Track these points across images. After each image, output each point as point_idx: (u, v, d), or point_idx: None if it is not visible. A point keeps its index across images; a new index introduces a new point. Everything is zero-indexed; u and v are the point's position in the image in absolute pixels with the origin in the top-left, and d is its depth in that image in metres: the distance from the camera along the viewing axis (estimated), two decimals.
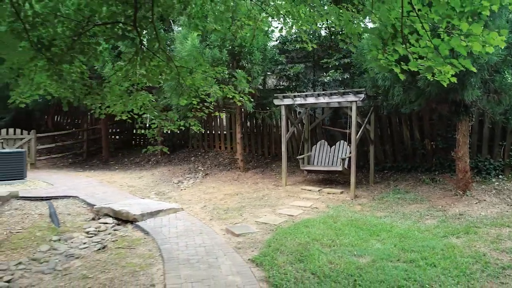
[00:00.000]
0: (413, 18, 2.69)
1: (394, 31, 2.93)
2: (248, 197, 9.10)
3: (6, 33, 3.80)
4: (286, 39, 11.66)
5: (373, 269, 4.80)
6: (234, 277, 4.79)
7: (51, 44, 4.21)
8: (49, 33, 4.23)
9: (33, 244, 6.24)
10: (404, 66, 3.15)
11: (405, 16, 2.67)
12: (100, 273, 5.05)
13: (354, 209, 7.92)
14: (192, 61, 4.92)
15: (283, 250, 5.55)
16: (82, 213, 7.94)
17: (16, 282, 4.91)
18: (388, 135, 10.89)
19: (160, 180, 11.56)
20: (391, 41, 2.96)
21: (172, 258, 5.45)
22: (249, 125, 13.67)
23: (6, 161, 10.24)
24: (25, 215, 7.55)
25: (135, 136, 18.16)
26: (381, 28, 2.95)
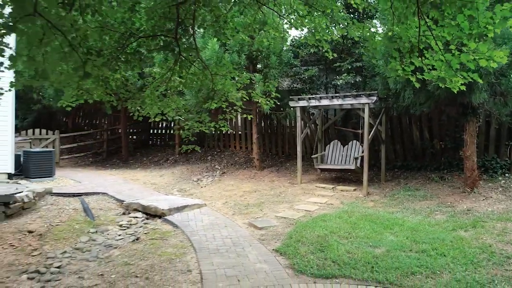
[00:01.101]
0: (428, 36, 3.13)
1: (411, 46, 3.36)
2: (266, 194, 9.56)
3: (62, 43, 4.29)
4: (300, 43, 12.10)
5: (388, 258, 5.23)
6: (261, 264, 5.26)
7: (99, 54, 4.70)
8: (97, 44, 4.71)
9: (73, 236, 6.77)
10: (419, 76, 3.58)
11: (421, 35, 3.10)
12: (139, 261, 5.54)
13: (367, 205, 8.34)
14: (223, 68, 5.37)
15: (304, 241, 6.00)
16: (113, 208, 8.45)
17: (65, 268, 5.43)
18: (398, 135, 11.29)
19: (180, 178, 12.06)
20: (408, 54, 3.39)
21: (203, 248, 5.92)
22: (263, 125, 14.12)
23: (37, 160, 10.80)
24: (61, 209, 8.07)
25: (152, 136, 18.73)
26: (400, 43, 3.38)
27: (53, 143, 14.39)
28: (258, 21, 5.31)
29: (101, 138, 18.13)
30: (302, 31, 5.88)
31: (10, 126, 10.04)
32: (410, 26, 3.18)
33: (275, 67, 10.71)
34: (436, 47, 3.16)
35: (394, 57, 3.56)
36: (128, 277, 4.97)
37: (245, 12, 5.39)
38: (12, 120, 10.12)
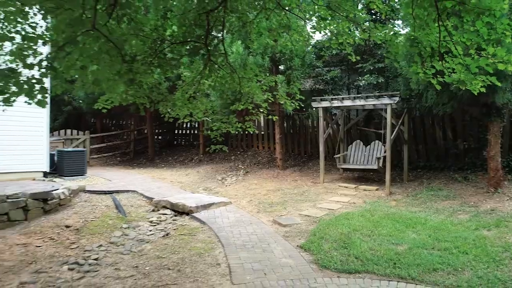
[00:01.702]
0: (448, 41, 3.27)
1: (432, 50, 3.51)
2: (289, 192, 9.75)
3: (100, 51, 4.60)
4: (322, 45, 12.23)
5: (410, 255, 5.35)
6: (286, 259, 5.46)
7: (134, 59, 5.00)
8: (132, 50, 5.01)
9: (107, 231, 7.13)
10: (440, 79, 3.73)
11: (441, 40, 3.26)
12: (171, 254, 5.84)
13: (390, 204, 8.43)
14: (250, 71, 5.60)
15: (327, 238, 6.17)
16: (142, 205, 8.81)
17: (102, 260, 5.77)
18: (421, 136, 11.29)
19: (205, 177, 12.38)
20: (429, 58, 3.54)
21: (230, 243, 6.17)
22: (286, 126, 14.31)
23: (70, 159, 11.30)
24: (94, 206, 8.47)
25: (177, 136, 19.16)
26: (421, 48, 3.54)
27: (83, 143, 14.95)
28: (282, 26, 5.51)
29: (128, 138, 18.67)
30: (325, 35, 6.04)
31: (45, 127, 10.56)
32: (430, 31, 3.33)
33: (298, 68, 10.89)
34: (456, 52, 3.30)
35: (415, 61, 3.71)
36: (161, 269, 5.26)
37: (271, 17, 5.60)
38: (47, 121, 10.64)
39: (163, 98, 5.54)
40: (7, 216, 7.20)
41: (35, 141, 10.31)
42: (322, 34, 5.98)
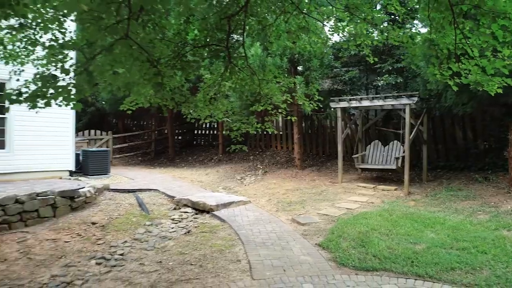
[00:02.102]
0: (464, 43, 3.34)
1: (449, 52, 3.58)
2: (308, 192, 9.85)
3: (130, 56, 4.81)
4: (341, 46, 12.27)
5: (428, 254, 5.40)
6: (305, 257, 5.58)
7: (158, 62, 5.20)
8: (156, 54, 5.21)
9: (131, 227, 7.38)
10: (457, 80, 3.79)
11: (458, 42, 3.33)
12: (193, 251, 6.02)
13: (408, 204, 8.44)
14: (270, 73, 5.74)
15: (345, 237, 6.26)
16: (164, 203, 9.05)
17: (127, 256, 6.00)
18: (441, 136, 11.23)
19: (224, 177, 12.57)
20: (446, 60, 3.62)
21: (250, 241, 6.32)
22: (304, 126, 14.38)
23: (95, 158, 11.65)
24: (118, 204, 8.75)
25: (196, 137, 19.45)
26: (438, 50, 3.61)
27: (106, 143, 15.35)
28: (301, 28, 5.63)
29: (149, 138, 19.05)
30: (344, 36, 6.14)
31: (71, 128, 10.93)
32: (446, 34, 3.40)
33: (316, 69, 10.97)
34: (472, 54, 3.37)
35: (432, 63, 3.78)
36: (184, 264, 5.45)
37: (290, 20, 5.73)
38: (73, 122, 11.00)
39: (185, 99, 5.72)
40: (37, 212, 7.52)
41: (62, 142, 10.67)
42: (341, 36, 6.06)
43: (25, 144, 9.90)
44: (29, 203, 7.41)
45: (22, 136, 9.83)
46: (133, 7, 2.78)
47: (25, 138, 9.89)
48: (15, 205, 7.22)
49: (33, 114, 7.32)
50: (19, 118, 9.64)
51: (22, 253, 6.14)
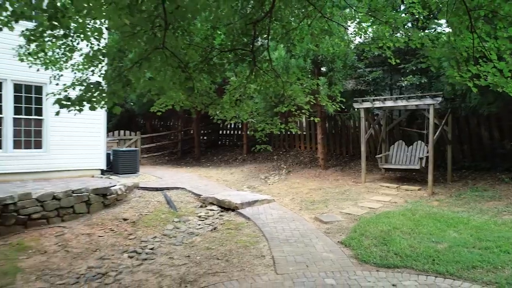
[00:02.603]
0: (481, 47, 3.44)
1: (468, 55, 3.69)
2: (331, 191, 9.96)
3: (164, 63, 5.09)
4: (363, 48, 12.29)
5: (449, 253, 5.46)
6: (327, 254, 5.73)
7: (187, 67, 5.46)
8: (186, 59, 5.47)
9: (160, 224, 7.70)
10: (476, 82, 3.88)
11: (475, 46, 3.43)
12: (219, 246, 6.27)
13: (432, 204, 8.44)
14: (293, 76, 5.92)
15: (367, 235, 6.37)
16: (191, 201, 9.35)
17: (157, 250, 6.30)
18: (466, 136, 11.11)
19: (248, 176, 12.81)
20: (465, 63, 3.72)
21: (273, 238, 6.51)
22: (327, 126, 14.46)
23: (125, 158, 12.10)
24: (147, 201, 9.10)
25: (221, 137, 19.78)
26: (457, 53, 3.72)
27: (135, 143, 15.84)
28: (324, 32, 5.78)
29: (176, 138, 19.50)
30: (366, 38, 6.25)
31: (103, 129, 11.39)
32: (464, 37, 3.51)
33: (339, 70, 11.06)
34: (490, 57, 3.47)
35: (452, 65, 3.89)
36: (210, 259, 5.70)
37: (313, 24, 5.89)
38: (105, 123, 11.46)
39: (212, 101, 5.96)
40: (72, 209, 7.95)
41: (94, 142, 11.14)
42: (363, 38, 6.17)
43: (60, 144, 10.40)
44: (65, 200, 7.84)
45: (57, 137, 10.34)
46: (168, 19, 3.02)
47: (60, 139, 10.39)
48: (52, 201, 7.66)
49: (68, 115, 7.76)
50: (55, 120, 10.14)
51: (60, 246, 6.54)
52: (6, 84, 9.49)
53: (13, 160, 9.63)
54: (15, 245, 6.46)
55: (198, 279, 4.96)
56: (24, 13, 3.34)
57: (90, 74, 4.96)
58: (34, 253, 6.21)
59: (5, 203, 6.97)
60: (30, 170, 9.91)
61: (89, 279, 5.22)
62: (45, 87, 9.99)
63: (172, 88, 4.03)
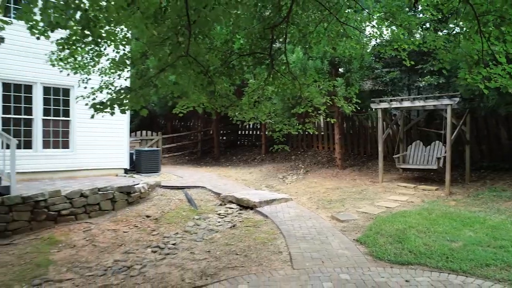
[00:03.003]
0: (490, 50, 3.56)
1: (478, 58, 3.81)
2: (348, 191, 10.07)
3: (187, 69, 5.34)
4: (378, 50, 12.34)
5: (464, 251, 5.54)
6: (343, 251, 5.88)
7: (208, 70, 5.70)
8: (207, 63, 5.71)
9: (181, 221, 7.97)
10: (487, 84, 3.99)
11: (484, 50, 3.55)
12: (238, 242, 6.49)
13: (449, 204, 8.47)
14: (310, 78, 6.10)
15: (382, 233, 6.49)
16: (211, 199, 9.61)
17: (179, 245, 6.57)
18: (484, 136, 11.04)
19: (267, 175, 13.01)
20: (475, 66, 3.84)
21: (290, 235, 6.70)
22: (345, 126, 14.54)
23: (147, 157, 12.47)
24: (169, 199, 9.41)
25: (240, 137, 20.05)
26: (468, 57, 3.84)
27: (156, 143, 16.25)
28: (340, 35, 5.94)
29: (196, 139, 19.87)
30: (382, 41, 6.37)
31: (126, 130, 11.78)
32: (474, 41, 3.63)
33: (356, 71, 11.15)
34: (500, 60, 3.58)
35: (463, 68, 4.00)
36: (230, 254, 5.93)
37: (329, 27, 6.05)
38: (128, 124, 11.85)
39: (231, 103, 6.19)
40: (98, 206, 8.31)
41: (118, 142, 11.54)
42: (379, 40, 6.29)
43: (86, 144, 10.83)
44: (92, 197, 8.21)
45: (83, 137, 10.76)
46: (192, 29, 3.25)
47: (86, 139, 10.81)
48: (80, 198, 8.03)
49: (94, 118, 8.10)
50: (81, 121, 10.58)
51: (88, 240, 6.88)
52: (36, 87, 9.95)
53: (42, 159, 10.08)
54: (47, 239, 6.83)
55: (218, 273, 5.19)
56: (60, 23, 3.62)
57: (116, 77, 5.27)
58: (64, 247, 6.56)
59: (36, 199, 7.36)
60: (58, 169, 10.35)
61: (116, 272, 5.51)
62: (72, 90, 10.43)
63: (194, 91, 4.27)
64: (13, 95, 9.66)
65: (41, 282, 5.16)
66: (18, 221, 7.17)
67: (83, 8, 3.49)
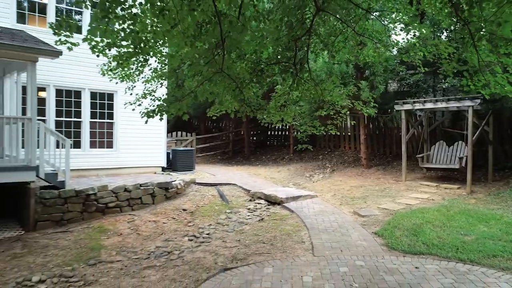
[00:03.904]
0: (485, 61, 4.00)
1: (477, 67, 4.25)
2: (371, 189, 10.47)
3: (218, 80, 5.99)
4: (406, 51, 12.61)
5: (474, 244, 5.91)
6: (361, 242, 6.37)
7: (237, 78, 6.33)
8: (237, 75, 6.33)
9: (214, 214, 8.66)
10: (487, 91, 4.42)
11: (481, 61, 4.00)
12: (265, 233, 7.10)
13: (468, 202, 8.74)
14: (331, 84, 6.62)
15: (400, 227, 6.91)
16: (241, 196, 10.26)
17: (212, 235, 7.24)
18: (508, 136, 11.14)
19: (294, 174, 13.56)
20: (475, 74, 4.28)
21: (314, 228, 7.24)
22: (371, 127, 14.87)
23: (182, 157, 13.29)
24: (203, 195, 10.13)
25: (269, 137, 20.66)
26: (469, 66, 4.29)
27: (191, 143, 17.11)
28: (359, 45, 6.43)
29: (227, 139, 20.64)
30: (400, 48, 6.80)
31: (163, 131, 12.63)
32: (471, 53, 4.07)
33: (380, 74, 11.51)
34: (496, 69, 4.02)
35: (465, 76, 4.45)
36: (257, 243, 6.54)
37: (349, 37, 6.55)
38: (165, 125, 12.70)
39: (260, 107, 6.80)
40: (140, 200, 9.13)
41: (156, 142, 12.40)
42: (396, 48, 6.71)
43: (128, 144, 11.74)
44: (134, 192, 9.04)
45: (125, 138, 11.68)
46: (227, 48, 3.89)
47: (128, 140, 11.72)
48: (124, 193, 8.88)
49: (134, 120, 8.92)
50: (123, 123, 11.50)
51: (132, 230, 7.68)
52: (85, 93, 10.93)
53: (89, 158, 11.06)
54: (97, 228, 7.68)
55: (247, 258, 5.81)
56: (116, 43, 4.35)
57: (159, 86, 5.97)
58: (112, 235, 7.38)
59: (87, 193, 8.25)
60: (103, 167, 11.30)
61: (158, 256, 6.24)
62: (115, 94, 11.37)
63: (227, 99, 4.91)
64: (64, 100, 10.68)
65: (96, 262, 5.96)
66: (72, 212, 8.08)
67: (135, 31, 4.19)
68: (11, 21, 9.74)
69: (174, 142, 16.12)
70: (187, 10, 3.77)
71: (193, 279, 5.12)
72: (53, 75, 10.19)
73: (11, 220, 8.30)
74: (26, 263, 5.96)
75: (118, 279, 5.28)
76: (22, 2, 10.13)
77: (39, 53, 7.52)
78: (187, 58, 4.22)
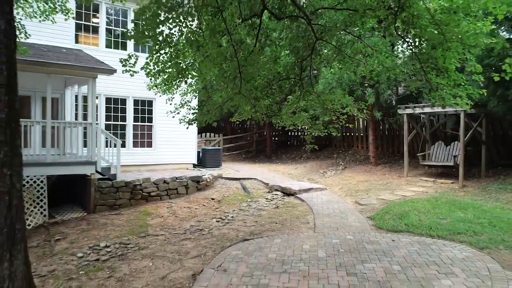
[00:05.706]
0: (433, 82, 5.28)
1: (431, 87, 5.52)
2: (375, 183, 11.68)
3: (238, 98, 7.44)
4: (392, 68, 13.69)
5: (447, 225, 7.09)
6: (355, 223, 7.67)
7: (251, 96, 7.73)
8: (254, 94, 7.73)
9: (237, 202, 10.12)
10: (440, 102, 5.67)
11: (433, 82, 5.27)
12: (278, 217, 8.50)
13: (457, 194, 9.84)
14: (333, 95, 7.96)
15: (390, 213, 8.15)
16: (261, 188, 11.68)
17: (235, 218, 8.69)
18: (500, 137, 12.09)
19: (309, 170, 14.87)
20: (431, 91, 5.55)
21: (319, 213, 8.57)
22: (381, 128, 15.99)
23: (211, 155, 14.84)
24: (228, 188, 11.62)
25: (289, 138, 22.00)
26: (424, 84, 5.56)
27: (218, 143, 18.68)
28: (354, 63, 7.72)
29: (251, 139, 22.12)
30: None
31: (194, 132, 14.21)
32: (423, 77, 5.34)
33: (384, 82, 12.66)
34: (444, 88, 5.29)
35: (425, 92, 5.72)
36: (271, 223, 7.95)
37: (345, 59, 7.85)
38: (196, 127, 14.27)
39: (274, 114, 8.21)
40: (176, 190, 10.70)
41: (188, 142, 14.01)
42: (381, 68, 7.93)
43: (164, 144, 13.38)
44: (171, 183, 10.61)
45: (162, 139, 13.33)
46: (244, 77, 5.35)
47: (164, 140, 13.37)
48: (163, 184, 10.46)
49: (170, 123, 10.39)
50: (160, 126, 13.14)
51: (170, 213, 9.23)
52: (129, 100, 12.63)
53: (132, 156, 12.75)
54: (142, 212, 9.28)
55: (261, 233, 7.24)
56: (164, 70, 5.86)
57: (194, 98, 7.43)
58: (155, 217, 8.95)
59: (134, 184, 9.88)
60: (143, 163, 12.97)
61: (192, 232, 7.74)
62: (154, 101, 13.02)
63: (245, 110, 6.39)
64: (112, 107, 12.41)
65: (145, 235, 7.52)
66: (122, 199, 9.72)
67: (178, 62, 5.69)
68: (71, 41, 11.53)
69: (204, 142, 17.71)
70: (216, 47, 5.25)
71: (220, 246, 6.58)
72: (104, 86, 11.91)
73: (75, 205, 10.04)
74: (92, 235, 7.59)
75: (163, 246, 6.81)
76: (80, 24, 11.89)
77: (100, 72, 9.20)
78: (216, 80, 5.68)
